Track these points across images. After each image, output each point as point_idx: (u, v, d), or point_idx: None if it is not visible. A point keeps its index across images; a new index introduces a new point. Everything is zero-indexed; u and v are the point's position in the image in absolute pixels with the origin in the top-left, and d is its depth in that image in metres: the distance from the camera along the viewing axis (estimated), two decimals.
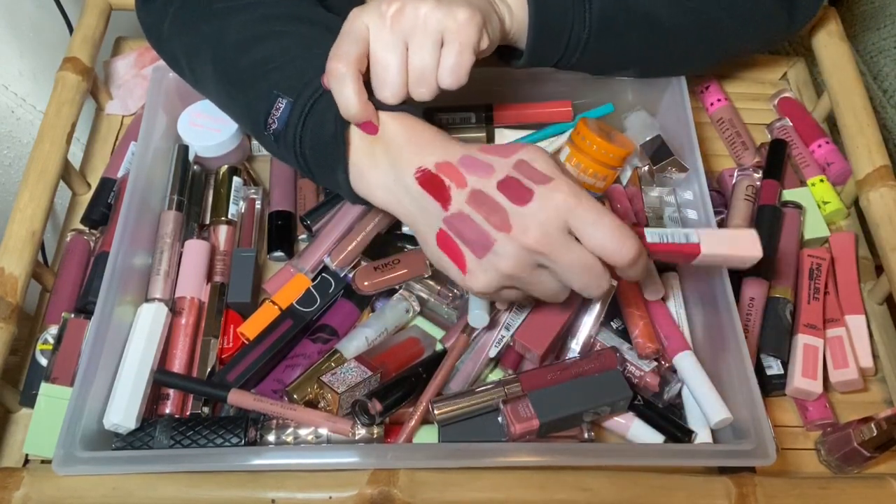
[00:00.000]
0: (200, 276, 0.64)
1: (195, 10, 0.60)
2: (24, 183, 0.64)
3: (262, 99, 0.55)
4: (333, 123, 0.52)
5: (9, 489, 0.52)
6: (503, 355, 0.61)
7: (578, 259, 0.46)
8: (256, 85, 0.55)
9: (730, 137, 0.77)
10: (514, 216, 0.46)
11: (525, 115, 0.72)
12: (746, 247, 0.52)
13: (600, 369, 0.58)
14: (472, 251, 0.47)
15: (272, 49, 0.56)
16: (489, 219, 0.47)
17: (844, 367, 0.63)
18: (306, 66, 0.54)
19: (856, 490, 0.55)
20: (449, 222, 0.48)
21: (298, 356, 0.62)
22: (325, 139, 0.52)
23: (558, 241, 0.46)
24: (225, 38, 0.58)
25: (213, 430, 0.56)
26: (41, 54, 0.87)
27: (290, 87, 0.53)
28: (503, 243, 0.46)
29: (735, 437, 0.57)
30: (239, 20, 0.58)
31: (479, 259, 0.47)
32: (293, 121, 0.53)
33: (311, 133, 0.53)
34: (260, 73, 0.55)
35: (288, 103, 0.53)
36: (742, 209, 0.69)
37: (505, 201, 0.47)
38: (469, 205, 0.47)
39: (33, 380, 0.61)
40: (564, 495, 0.53)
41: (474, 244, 0.47)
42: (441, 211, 0.48)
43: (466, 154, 0.49)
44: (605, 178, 0.67)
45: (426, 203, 0.49)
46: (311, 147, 0.53)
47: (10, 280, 0.59)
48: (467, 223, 0.47)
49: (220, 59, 0.58)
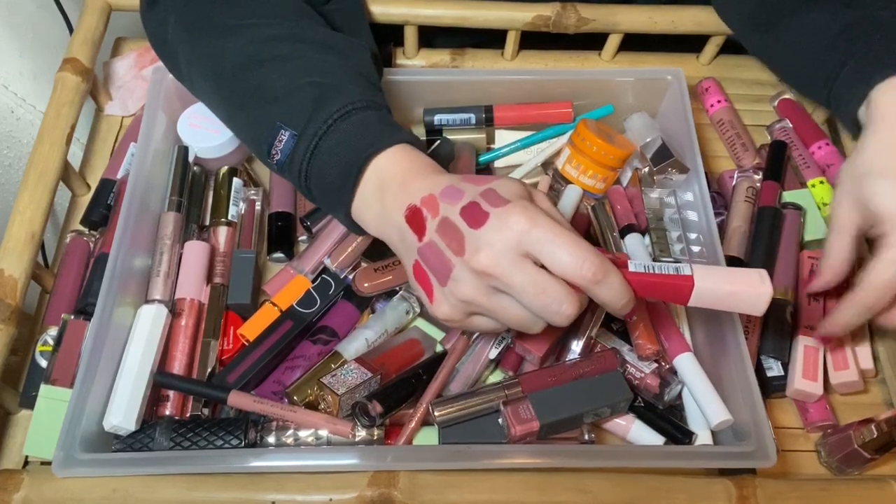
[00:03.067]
0: (200, 278, 0.63)
1: (196, 21, 0.59)
2: (23, 184, 0.64)
3: (263, 127, 0.54)
4: (338, 169, 0.52)
5: (8, 491, 0.52)
6: (503, 357, 0.61)
7: (530, 280, 0.44)
8: (258, 111, 0.55)
9: (730, 139, 0.77)
10: (468, 240, 0.45)
11: (525, 117, 0.72)
12: (752, 283, 0.47)
13: (600, 371, 0.58)
14: (437, 279, 0.47)
15: (273, 75, 0.55)
16: (450, 245, 0.46)
17: (844, 368, 0.63)
18: (307, 98, 0.53)
19: (856, 492, 0.55)
20: (421, 252, 0.48)
21: (298, 358, 0.62)
22: (329, 181, 0.52)
23: (508, 262, 0.44)
24: (226, 56, 0.57)
25: (213, 431, 0.56)
26: (41, 54, 0.86)
27: (293, 120, 0.53)
28: (459, 268, 0.46)
29: (735, 439, 0.57)
30: (241, 39, 0.57)
31: (442, 287, 0.47)
32: (298, 156, 0.53)
33: (316, 172, 0.53)
34: (261, 99, 0.55)
35: (291, 136, 0.53)
36: (742, 210, 0.69)
37: (463, 226, 0.46)
38: (437, 233, 0.47)
39: (33, 381, 0.61)
40: (565, 497, 0.53)
41: (438, 272, 0.47)
42: (416, 242, 0.48)
43: (449, 184, 0.48)
44: (605, 180, 0.67)
45: (407, 236, 0.49)
46: (317, 185, 0.54)
47: (9, 281, 0.59)
48: (434, 251, 0.47)
49: (220, 76, 0.57)
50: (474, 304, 0.46)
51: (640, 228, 0.66)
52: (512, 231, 0.44)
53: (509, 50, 0.81)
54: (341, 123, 0.52)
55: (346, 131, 0.52)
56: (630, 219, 0.67)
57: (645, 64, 0.83)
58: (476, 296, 0.46)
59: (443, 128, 0.72)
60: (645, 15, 0.77)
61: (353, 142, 0.52)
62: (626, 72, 0.73)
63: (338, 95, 0.53)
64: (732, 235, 0.68)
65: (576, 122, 0.69)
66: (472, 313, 0.48)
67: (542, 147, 0.71)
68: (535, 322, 0.47)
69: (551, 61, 0.83)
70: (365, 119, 0.53)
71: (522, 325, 0.47)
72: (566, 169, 0.67)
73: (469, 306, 0.47)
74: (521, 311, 0.46)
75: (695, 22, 0.77)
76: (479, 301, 0.46)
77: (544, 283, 0.44)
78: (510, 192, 0.46)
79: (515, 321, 0.47)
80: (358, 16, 0.71)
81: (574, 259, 0.44)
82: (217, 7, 0.59)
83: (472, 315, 0.48)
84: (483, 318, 0.48)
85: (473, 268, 0.45)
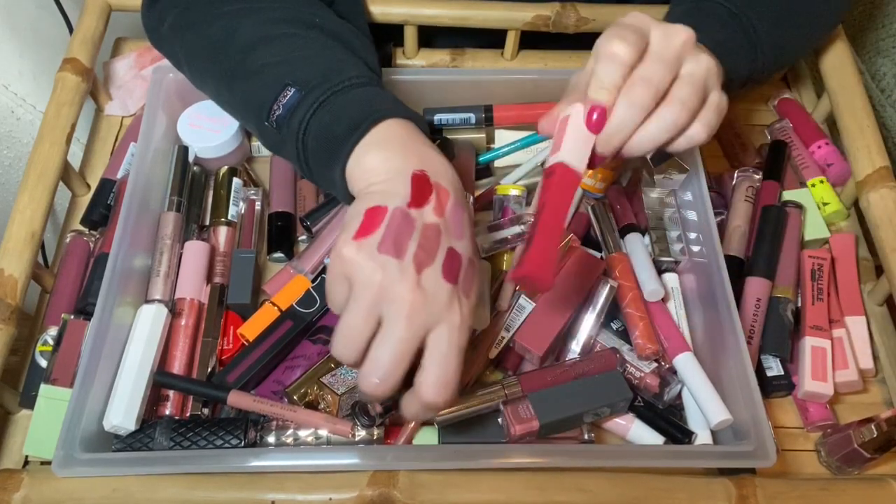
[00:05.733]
0: (200, 278, 0.63)
1: (201, 11, 0.60)
2: (23, 184, 0.64)
3: (268, 87, 0.55)
4: (347, 122, 0.51)
5: (8, 491, 0.52)
6: (503, 356, 0.61)
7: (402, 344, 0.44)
8: (263, 75, 0.56)
9: (729, 138, 0.77)
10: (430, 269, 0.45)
11: (525, 116, 0.72)
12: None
13: (600, 370, 0.58)
14: (383, 239, 0.44)
15: (282, 48, 0.56)
16: (422, 246, 0.45)
17: (844, 368, 0.63)
18: (321, 65, 0.54)
19: (856, 491, 0.55)
20: (398, 212, 0.45)
21: (298, 357, 0.62)
22: (334, 130, 0.51)
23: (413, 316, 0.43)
24: (233, 38, 0.58)
25: (212, 431, 0.56)
26: (41, 54, 0.87)
27: (303, 79, 0.54)
28: (402, 267, 0.44)
29: (735, 439, 0.57)
30: (249, 20, 0.58)
31: (375, 246, 0.44)
32: (302, 109, 0.53)
33: (319, 123, 0.52)
34: (269, 65, 0.56)
35: (297, 91, 0.53)
36: (742, 210, 0.69)
37: (441, 254, 0.45)
38: (424, 224, 0.46)
39: (33, 381, 0.61)
40: (564, 497, 0.53)
41: (390, 240, 0.45)
42: (404, 199, 0.46)
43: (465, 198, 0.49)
44: (605, 180, 0.67)
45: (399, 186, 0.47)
46: (316, 137, 0.53)
47: (9, 281, 0.59)
48: (406, 228, 0.45)
49: (226, 57, 0.58)
50: (364, 288, 0.44)
51: (639, 228, 0.66)
52: (451, 313, 0.44)
53: (509, 50, 0.81)
54: (357, 88, 0.53)
55: (364, 93, 0.52)
56: (630, 218, 0.67)
57: None
58: (375, 291, 0.44)
59: (443, 128, 0.72)
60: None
61: (370, 102, 0.52)
62: None
63: (349, 68, 0.54)
64: (732, 235, 0.68)
65: None
66: (355, 283, 0.45)
67: (542, 147, 0.71)
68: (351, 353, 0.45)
69: (551, 61, 0.83)
70: (380, 91, 0.53)
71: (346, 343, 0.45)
72: None
73: (365, 280, 0.44)
74: (364, 339, 0.45)
75: None
76: (367, 295, 0.44)
77: (406, 359, 0.44)
78: (475, 288, 0.47)
79: (351, 336, 0.45)
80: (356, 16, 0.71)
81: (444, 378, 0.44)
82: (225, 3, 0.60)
83: (347, 284, 0.45)
84: (342, 294, 0.46)
85: (405, 287, 0.43)
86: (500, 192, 0.67)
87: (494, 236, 0.62)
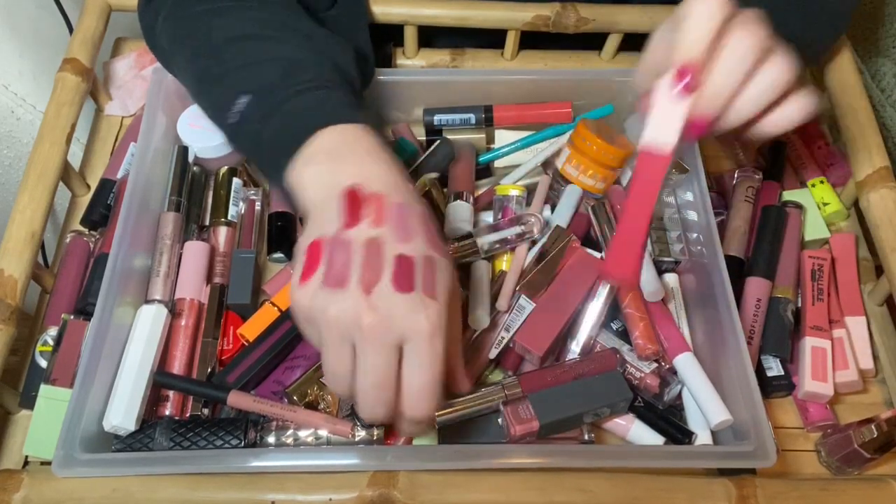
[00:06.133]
0: (200, 278, 0.63)
1: (185, 10, 0.60)
2: (23, 184, 0.64)
3: (229, 93, 0.54)
4: (292, 130, 0.50)
5: (8, 491, 0.52)
6: (503, 357, 0.61)
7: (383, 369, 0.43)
8: (222, 82, 0.55)
9: (729, 138, 0.77)
10: (380, 285, 0.43)
11: (525, 116, 0.72)
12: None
13: (600, 370, 0.58)
14: (325, 275, 0.44)
15: (249, 51, 0.56)
16: (364, 266, 0.43)
17: (844, 368, 0.63)
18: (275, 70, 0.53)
19: (856, 491, 0.55)
20: (335, 240, 0.45)
21: (298, 357, 0.62)
22: (280, 139, 0.51)
23: (383, 340, 0.43)
24: (210, 35, 0.57)
25: (212, 431, 0.56)
26: (41, 54, 0.87)
27: (257, 86, 0.53)
28: (350, 294, 0.43)
29: (735, 439, 0.57)
30: (223, 20, 0.58)
31: (322, 282, 0.44)
32: (254, 115, 0.52)
33: (268, 131, 0.52)
34: (230, 71, 0.55)
35: (248, 99, 0.53)
36: (742, 210, 0.69)
37: (388, 270, 0.44)
38: (364, 242, 0.44)
39: (33, 381, 0.61)
40: (564, 497, 0.53)
41: (333, 272, 0.44)
42: (339, 224, 0.45)
43: (408, 210, 0.46)
44: (605, 180, 0.67)
45: (331, 209, 0.46)
46: (262, 149, 0.52)
47: (9, 281, 0.59)
48: (345, 254, 0.44)
49: (199, 54, 0.58)
50: (327, 326, 0.44)
51: None
52: (414, 323, 0.43)
53: (509, 50, 0.81)
54: (307, 94, 0.51)
55: (310, 100, 0.51)
56: None
57: None
58: (335, 326, 0.43)
59: (443, 128, 0.72)
60: (645, 15, 0.76)
61: (317, 108, 0.50)
62: (626, 72, 0.73)
63: (307, 71, 0.53)
64: (732, 235, 0.68)
65: (575, 122, 0.69)
66: (317, 325, 0.45)
67: (541, 147, 0.71)
68: (343, 387, 0.45)
69: (551, 61, 0.83)
70: (333, 95, 0.52)
71: (334, 380, 0.45)
72: (566, 169, 0.67)
73: (322, 319, 0.44)
74: (347, 372, 0.45)
75: None
76: (332, 332, 0.44)
77: (388, 382, 0.44)
78: (444, 285, 0.45)
79: (334, 372, 0.45)
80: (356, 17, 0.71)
81: (422, 391, 0.44)
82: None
83: (313, 326, 0.45)
84: (315, 336, 0.46)
85: (359, 314, 0.43)
86: (500, 192, 0.67)
87: (494, 236, 0.62)
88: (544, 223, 0.64)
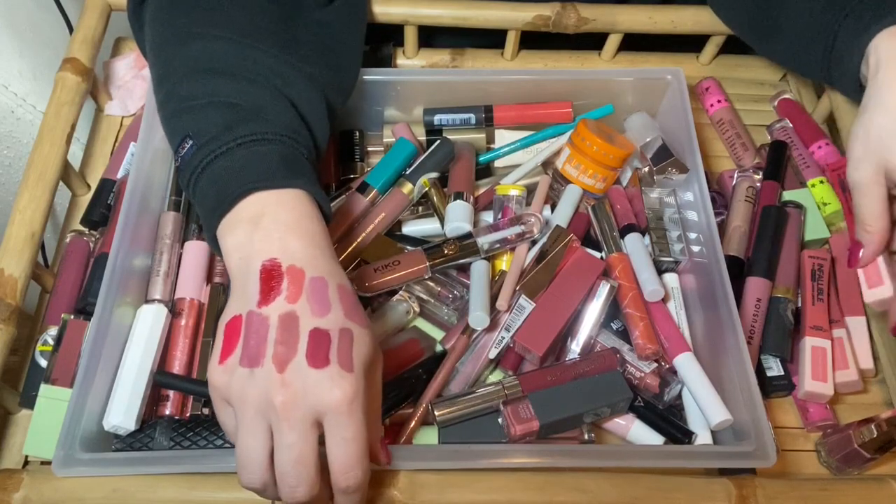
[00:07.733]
0: (200, 278, 0.63)
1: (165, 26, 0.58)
2: (23, 184, 0.64)
3: (177, 134, 0.53)
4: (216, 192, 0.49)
5: (8, 491, 0.52)
6: (503, 357, 0.61)
7: (300, 447, 0.43)
8: (177, 118, 0.54)
9: (730, 139, 0.77)
10: (294, 362, 0.43)
11: (525, 116, 0.72)
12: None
13: (600, 370, 0.58)
14: (242, 354, 0.44)
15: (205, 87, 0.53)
16: (279, 343, 0.44)
17: (844, 368, 0.63)
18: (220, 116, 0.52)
19: (856, 491, 0.55)
20: (250, 317, 0.45)
21: None
22: (209, 200, 0.50)
23: (300, 417, 0.43)
24: (173, 62, 0.55)
25: (213, 431, 0.56)
26: (41, 54, 0.86)
27: (200, 133, 0.51)
28: (264, 373, 0.43)
29: (735, 439, 0.57)
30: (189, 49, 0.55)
31: (238, 363, 0.44)
32: (191, 166, 0.51)
33: (201, 187, 0.51)
34: (182, 110, 0.53)
35: (192, 146, 0.51)
36: (742, 210, 0.69)
37: (303, 345, 0.44)
38: (279, 318, 0.44)
39: (33, 381, 0.61)
40: (564, 497, 0.53)
41: (249, 351, 0.44)
42: (255, 301, 0.45)
43: (326, 282, 0.46)
44: (605, 180, 0.67)
45: (251, 285, 0.46)
46: (199, 200, 0.51)
47: (9, 281, 0.59)
48: (262, 331, 0.44)
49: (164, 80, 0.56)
50: (241, 406, 0.44)
51: (640, 228, 0.66)
52: (329, 397, 0.43)
53: (509, 50, 0.81)
54: (244, 148, 0.50)
55: (246, 157, 0.50)
56: (630, 218, 0.67)
57: (645, 64, 0.83)
58: (252, 407, 0.43)
59: (442, 128, 0.72)
60: (645, 15, 0.77)
61: (247, 169, 0.49)
62: (625, 72, 0.73)
63: (249, 122, 0.51)
64: (732, 235, 0.68)
65: (576, 122, 0.69)
66: (233, 405, 0.45)
67: (541, 147, 0.71)
68: (255, 476, 0.44)
69: (551, 61, 0.83)
70: (273, 151, 0.50)
71: (247, 467, 0.44)
72: (566, 169, 0.67)
73: (237, 398, 0.44)
74: (262, 457, 0.44)
75: (694, 21, 0.77)
76: (248, 412, 0.44)
77: (307, 459, 0.43)
78: (361, 356, 0.45)
79: (248, 457, 0.44)
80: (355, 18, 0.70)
81: (347, 462, 0.44)
82: (184, 16, 0.57)
83: (228, 407, 0.46)
84: (230, 420, 0.46)
85: (272, 391, 0.43)
86: (500, 192, 0.67)
87: (494, 236, 0.62)
88: (544, 223, 0.64)
